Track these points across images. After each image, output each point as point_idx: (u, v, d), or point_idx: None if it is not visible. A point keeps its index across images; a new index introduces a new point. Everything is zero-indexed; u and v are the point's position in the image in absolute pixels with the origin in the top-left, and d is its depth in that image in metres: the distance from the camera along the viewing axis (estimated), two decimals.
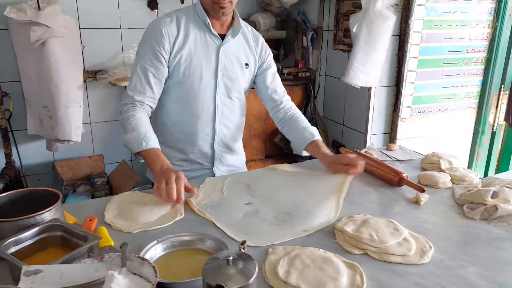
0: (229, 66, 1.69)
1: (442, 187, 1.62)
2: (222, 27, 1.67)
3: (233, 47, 1.69)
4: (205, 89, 1.67)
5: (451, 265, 1.15)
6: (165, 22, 1.60)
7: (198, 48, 1.63)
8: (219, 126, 1.75)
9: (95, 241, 1.08)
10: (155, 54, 1.58)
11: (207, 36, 1.65)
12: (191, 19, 1.64)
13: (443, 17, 2.52)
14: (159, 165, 1.47)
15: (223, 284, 0.81)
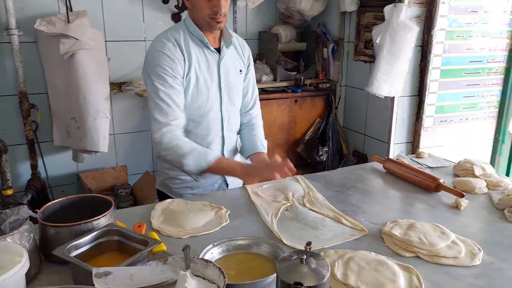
0: (229, 77, 1.73)
1: (479, 192, 1.63)
2: (215, 41, 1.69)
3: (229, 58, 1.73)
4: (212, 104, 1.71)
5: (503, 267, 1.16)
6: (169, 48, 1.58)
7: (202, 67, 1.65)
8: (227, 133, 1.79)
9: (156, 244, 1.10)
10: (172, 78, 1.58)
11: (206, 53, 1.67)
12: (188, 39, 1.64)
13: (464, 28, 2.57)
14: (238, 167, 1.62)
15: (302, 282, 0.82)
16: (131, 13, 2.76)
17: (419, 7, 2.49)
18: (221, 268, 0.99)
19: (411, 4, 2.46)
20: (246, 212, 1.46)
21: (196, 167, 1.57)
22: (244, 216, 1.44)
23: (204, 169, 1.59)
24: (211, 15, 1.56)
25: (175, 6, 2.78)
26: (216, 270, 0.99)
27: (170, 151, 1.60)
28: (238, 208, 1.48)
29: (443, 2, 2.45)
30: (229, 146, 1.82)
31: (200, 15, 1.58)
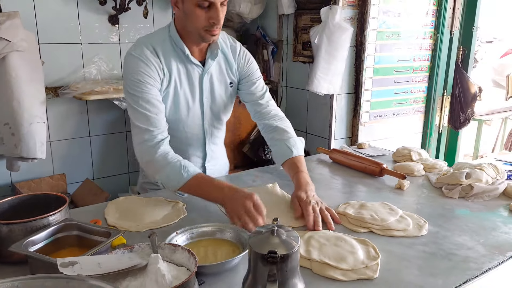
0: (213, 92, 1.61)
1: (417, 174, 1.77)
2: (201, 52, 1.56)
3: (215, 71, 1.60)
4: (193, 119, 1.61)
5: (448, 235, 1.27)
6: (148, 58, 1.45)
7: (183, 81, 1.54)
8: (209, 146, 1.71)
9: (119, 234, 1.08)
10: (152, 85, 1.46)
11: (189, 66, 1.55)
12: (168, 50, 1.50)
13: (393, 29, 2.77)
14: (219, 190, 1.33)
15: (275, 250, 0.85)
16: (66, 14, 2.65)
17: (352, 9, 2.65)
18: (190, 250, 0.99)
19: (344, 6, 2.61)
20: (203, 205, 1.46)
21: (171, 181, 1.40)
22: (201, 208, 1.45)
23: (181, 187, 1.39)
24: (206, 27, 1.42)
25: (112, 8, 2.71)
26: (185, 253, 0.99)
27: (147, 165, 1.47)
28: (195, 201, 1.48)
29: (373, 5, 2.63)
30: (210, 158, 1.73)
31: (194, 26, 1.43)
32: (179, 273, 0.94)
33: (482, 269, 1.10)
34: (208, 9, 1.39)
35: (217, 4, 1.38)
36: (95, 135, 2.90)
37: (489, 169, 1.64)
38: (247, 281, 0.92)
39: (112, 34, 2.84)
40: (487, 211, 1.46)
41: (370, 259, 1.12)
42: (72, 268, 0.90)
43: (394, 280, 1.05)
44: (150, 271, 0.90)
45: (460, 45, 3.10)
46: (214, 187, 1.35)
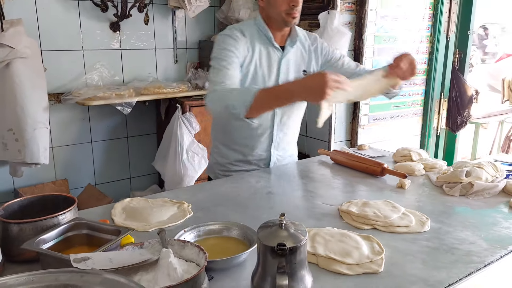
0: (288, 75, 1.76)
1: (418, 174, 1.80)
2: (282, 39, 1.75)
3: (293, 57, 1.78)
4: None
5: (450, 230, 1.30)
6: (237, 36, 1.65)
7: (263, 62, 1.71)
8: (277, 132, 1.84)
9: (129, 231, 1.10)
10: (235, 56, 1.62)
11: (270, 49, 1.72)
12: (255, 34, 1.70)
13: (390, 33, 2.81)
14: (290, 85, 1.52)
15: (284, 242, 0.87)
16: (68, 22, 2.68)
17: (350, 14, 2.69)
18: (199, 245, 1.01)
19: (343, 11, 2.65)
20: (210, 204, 1.48)
21: (243, 104, 1.48)
22: (207, 208, 1.47)
23: (251, 104, 1.47)
24: (288, 11, 1.61)
25: (114, 15, 2.75)
26: (195, 249, 1.01)
27: (216, 103, 1.55)
28: (201, 201, 1.51)
29: (371, 10, 2.68)
30: (277, 144, 1.86)
31: (277, 11, 1.63)
32: (189, 268, 0.96)
33: (484, 262, 1.12)
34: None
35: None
36: (96, 141, 2.92)
37: (489, 168, 1.67)
38: (257, 274, 0.94)
39: (114, 40, 2.87)
40: (487, 208, 1.48)
41: (375, 254, 1.14)
42: (85, 263, 0.92)
43: (399, 273, 1.08)
44: (162, 265, 0.92)
45: (456, 48, 3.15)
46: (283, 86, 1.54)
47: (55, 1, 2.63)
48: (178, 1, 2.86)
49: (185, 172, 2.71)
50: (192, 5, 2.85)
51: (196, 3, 2.85)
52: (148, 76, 2.96)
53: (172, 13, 3.05)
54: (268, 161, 1.89)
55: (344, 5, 2.65)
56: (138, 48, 2.95)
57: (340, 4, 2.63)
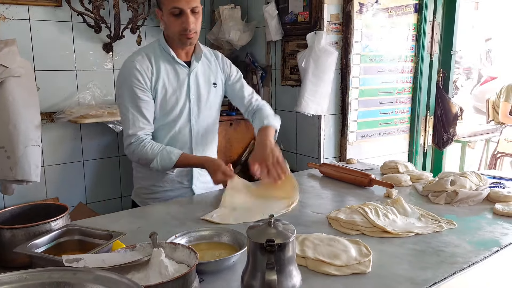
0: (198, 89, 1.83)
1: (405, 185, 1.84)
2: (187, 56, 1.81)
3: (200, 71, 1.84)
4: (180, 114, 1.80)
5: (436, 235, 1.33)
6: (138, 60, 1.72)
7: (170, 79, 1.77)
8: (196, 145, 1.87)
9: (121, 235, 1.12)
10: (141, 91, 1.71)
11: (176, 66, 1.78)
12: (158, 54, 1.76)
13: (375, 53, 2.91)
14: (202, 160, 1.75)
15: (273, 239, 0.90)
16: (61, 42, 2.74)
17: (336, 35, 2.78)
18: (190, 247, 1.04)
19: (329, 31, 2.74)
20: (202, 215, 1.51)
21: (164, 165, 1.71)
22: (197, 219, 1.49)
23: (171, 167, 1.74)
24: (181, 32, 1.67)
25: (107, 36, 2.81)
26: (186, 250, 1.03)
27: (139, 159, 1.74)
28: (190, 212, 1.53)
29: (356, 30, 2.77)
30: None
31: (171, 32, 1.70)
32: (180, 268, 0.98)
33: (469, 263, 1.15)
34: (180, 17, 1.65)
35: (186, 11, 1.64)
36: (88, 159, 2.94)
37: (472, 177, 1.72)
38: (247, 272, 0.96)
39: (106, 61, 2.92)
40: (472, 214, 1.52)
41: (363, 256, 1.17)
42: (77, 264, 0.94)
43: (386, 274, 1.10)
44: (153, 263, 0.94)
45: (440, 68, 3.25)
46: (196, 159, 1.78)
47: (49, 22, 2.69)
48: None
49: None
50: None
51: None
52: None
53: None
54: (191, 177, 1.89)
55: (331, 26, 2.75)
56: None
57: (326, 25, 2.73)
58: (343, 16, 2.78)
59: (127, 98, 1.71)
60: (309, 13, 2.79)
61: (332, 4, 2.73)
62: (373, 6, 2.83)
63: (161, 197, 1.85)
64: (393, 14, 2.94)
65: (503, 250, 1.24)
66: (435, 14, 3.13)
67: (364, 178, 1.82)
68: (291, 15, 2.91)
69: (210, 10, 3.37)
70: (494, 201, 1.62)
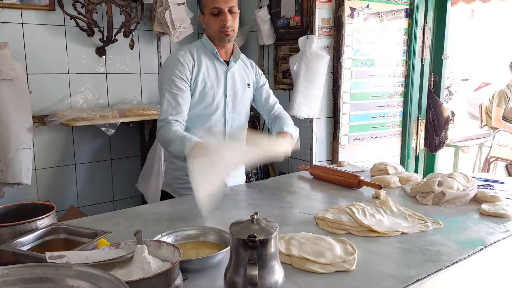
0: (234, 86, 1.96)
1: (393, 186, 1.86)
2: (226, 55, 1.95)
3: (236, 71, 1.98)
4: (217, 107, 1.91)
5: (422, 234, 1.34)
6: (182, 55, 1.85)
7: (210, 74, 1.89)
8: (229, 137, 1.97)
9: (106, 233, 1.12)
10: (180, 80, 1.82)
11: (216, 63, 1.92)
12: (201, 51, 1.90)
13: (367, 57, 2.93)
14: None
15: (255, 234, 0.91)
16: (54, 46, 2.74)
17: (328, 39, 2.80)
18: (174, 244, 1.04)
19: (321, 36, 2.77)
20: (189, 215, 1.51)
21: (180, 150, 1.67)
22: (186, 218, 1.50)
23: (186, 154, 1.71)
24: (220, 29, 1.81)
25: (100, 40, 2.82)
26: (170, 248, 1.03)
27: (163, 142, 1.79)
28: (182, 212, 1.53)
29: (348, 34, 2.80)
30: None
31: (212, 30, 1.85)
32: (164, 265, 0.98)
33: (453, 260, 1.16)
34: (219, 16, 1.81)
35: (225, 10, 1.81)
36: (80, 163, 2.94)
37: (460, 178, 1.73)
38: (230, 269, 0.96)
39: (99, 65, 2.93)
40: (459, 215, 1.53)
41: (348, 254, 1.17)
42: (60, 260, 0.94)
43: (370, 271, 1.11)
44: (136, 260, 0.94)
45: (431, 72, 3.28)
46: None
47: (42, 26, 2.70)
48: (162, 27, 2.95)
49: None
50: (176, 31, 2.94)
51: (180, 29, 2.95)
52: (133, 99, 3.01)
53: (157, 38, 3.14)
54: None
55: (322, 30, 2.77)
56: (123, 72, 3.01)
57: (318, 29, 2.75)
58: (334, 20, 2.80)
59: (166, 85, 1.81)
60: (301, 18, 2.81)
61: (323, 8, 2.75)
62: (364, 10, 2.86)
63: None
64: (384, 19, 2.97)
65: (488, 249, 1.25)
66: (426, 19, 3.16)
67: (353, 179, 1.83)
68: (283, 19, 2.94)
69: None
70: (481, 201, 1.63)
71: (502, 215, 1.48)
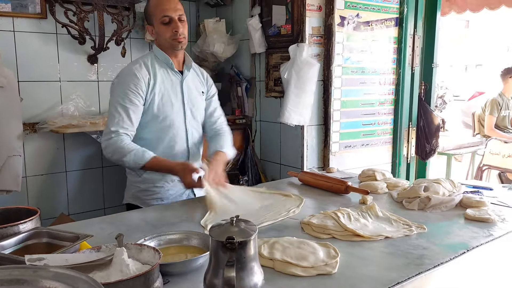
0: (191, 95, 1.99)
1: (381, 192, 1.86)
2: (179, 64, 1.97)
3: (191, 80, 2.01)
4: (176, 117, 1.93)
5: (405, 238, 1.35)
6: (136, 68, 1.86)
7: (166, 85, 1.91)
8: (191, 146, 2.00)
9: (88, 237, 1.12)
10: (134, 94, 1.82)
11: (170, 73, 1.94)
12: (155, 63, 1.92)
13: (357, 65, 2.95)
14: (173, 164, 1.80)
15: (233, 236, 0.91)
16: (46, 53, 2.75)
17: (318, 47, 2.82)
18: (155, 247, 1.04)
19: (311, 44, 2.79)
20: (177, 220, 1.51)
21: (135, 162, 1.77)
22: (172, 223, 1.49)
23: (142, 167, 1.78)
24: (172, 37, 1.85)
25: (91, 47, 2.83)
26: (151, 251, 1.04)
27: (114, 152, 1.79)
28: (168, 217, 1.53)
29: (338, 43, 2.82)
30: (192, 157, 1.99)
31: (163, 39, 1.87)
32: (144, 268, 0.98)
33: (434, 264, 1.17)
34: (170, 24, 1.85)
35: (175, 18, 1.84)
36: (71, 170, 2.93)
37: (446, 183, 1.74)
38: (209, 272, 0.96)
39: (91, 72, 2.94)
40: (444, 220, 1.54)
41: (330, 257, 1.18)
42: (39, 263, 0.94)
43: (352, 274, 1.11)
44: (115, 262, 0.94)
45: (422, 80, 3.30)
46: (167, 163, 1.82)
47: (34, 34, 2.70)
48: None
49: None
50: None
51: None
52: None
53: (149, 46, 3.15)
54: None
55: (313, 38, 2.79)
56: None
57: (308, 37, 2.77)
58: (324, 29, 2.83)
59: (118, 98, 1.82)
60: (292, 26, 2.84)
61: (313, 17, 2.78)
62: (354, 19, 2.89)
63: (163, 197, 1.95)
64: (374, 28, 3.00)
65: (470, 252, 1.26)
66: (416, 27, 3.19)
67: (340, 185, 1.84)
68: (274, 28, 2.96)
69: (195, 24, 3.41)
70: (467, 206, 1.64)
71: (487, 220, 1.49)
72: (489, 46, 10.99)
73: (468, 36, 12.22)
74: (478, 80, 10.05)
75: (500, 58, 9.89)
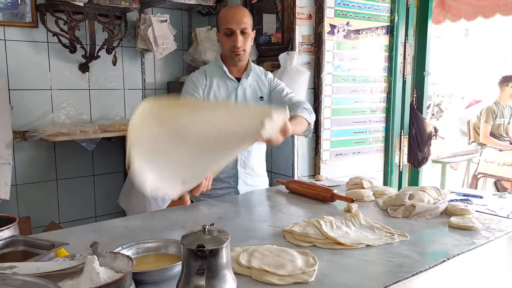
0: (246, 101, 2.09)
1: (367, 200, 1.86)
2: (238, 72, 2.09)
3: (248, 86, 2.10)
4: None
5: (387, 246, 1.34)
6: (195, 74, 2.07)
7: (221, 90, 2.06)
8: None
9: (64, 245, 1.11)
10: (193, 91, 2.00)
11: (227, 81, 2.07)
12: (213, 71, 2.08)
13: (348, 73, 2.96)
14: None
15: (204, 244, 0.90)
16: (37, 62, 2.77)
17: (308, 55, 2.84)
18: (129, 256, 1.03)
19: (301, 52, 2.80)
20: (159, 229, 1.50)
21: None
22: (155, 232, 1.49)
23: None
24: (231, 49, 1.97)
25: (82, 56, 2.84)
26: (125, 259, 1.03)
27: None
28: (153, 227, 1.53)
29: (328, 51, 2.83)
30: (242, 162, 2.09)
31: (224, 49, 2.02)
32: (116, 276, 0.97)
33: (413, 272, 1.16)
34: (231, 36, 1.96)
35: (236, 32, 1.95)
36: (62, 178, 2.93)
37: (431, 191, 1.73)
38: (181, 280, 0.96)
39: (82, 81, 2.95)
40: (428, 228, 1.53)
41: (308, 266, 1.17)
42: (10, 271, 0.93)
43: (329, 282, 1.10)
44: (86, 270, 0.93)
45: (414, 88, 3.31)
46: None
47: (25, 42, 2.72)
48: (146, 43, 2.99)
49: (149, 208, 2.71)
50: (159, 48, 2.97)
51: (163, 45, 2.98)
52: (116, 115, 3.03)
53: (141, 55, 3.17)
54: (236, 178, 2.08)
55: (303, 47, 2.81)
56: (107, 88, 3.03)
57: (298, 45, 2.78)
58: (314, 37, 2.84)
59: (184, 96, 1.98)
60: (282, 34, 2.85)
61: (303, 25, 2.79)
62: (344, 27, 2.90)
63: (210, 194, 2.01)
64: (364, 36, 3.01)
65: (451, 261, 1.25)
66: (407, 36, 3.20)
67: (326, 193, 1.83)
68: (265, 36, 2.98)
69: (188, 32, 3.43)
70: (452, 214, 1.63)
71: (470, 228, 1.48)
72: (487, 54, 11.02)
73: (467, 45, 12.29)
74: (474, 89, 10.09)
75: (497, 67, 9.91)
